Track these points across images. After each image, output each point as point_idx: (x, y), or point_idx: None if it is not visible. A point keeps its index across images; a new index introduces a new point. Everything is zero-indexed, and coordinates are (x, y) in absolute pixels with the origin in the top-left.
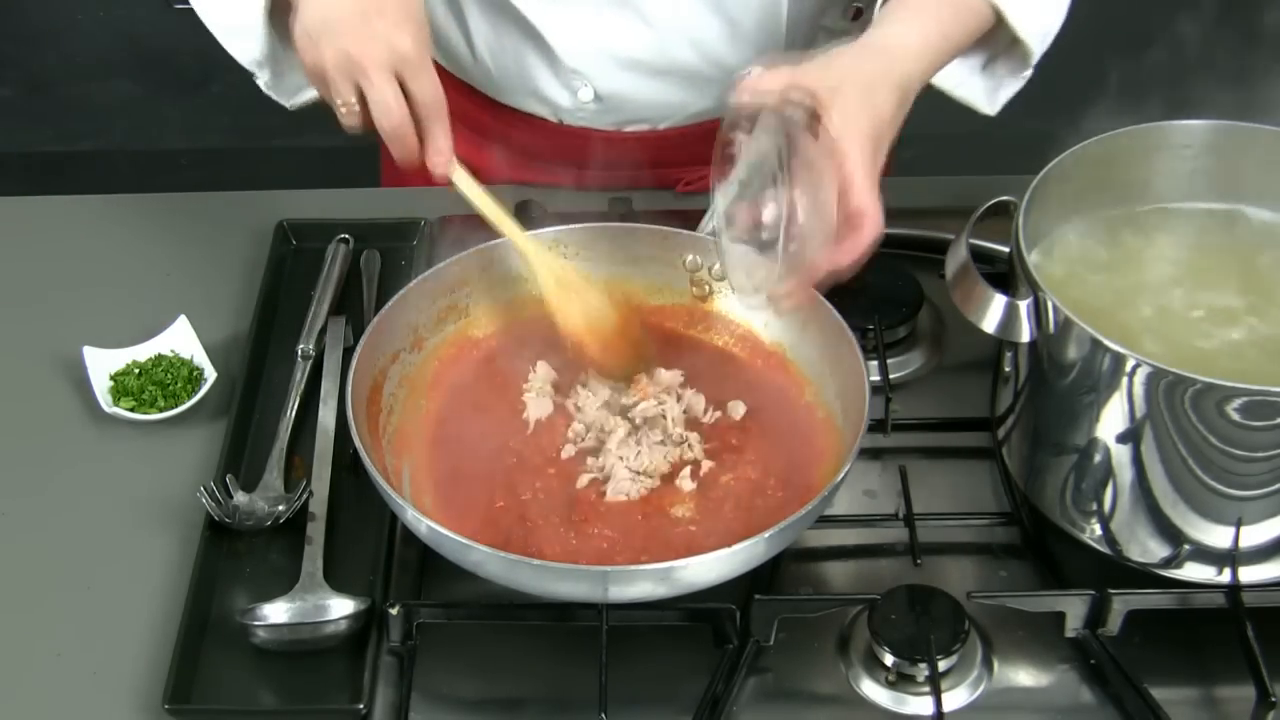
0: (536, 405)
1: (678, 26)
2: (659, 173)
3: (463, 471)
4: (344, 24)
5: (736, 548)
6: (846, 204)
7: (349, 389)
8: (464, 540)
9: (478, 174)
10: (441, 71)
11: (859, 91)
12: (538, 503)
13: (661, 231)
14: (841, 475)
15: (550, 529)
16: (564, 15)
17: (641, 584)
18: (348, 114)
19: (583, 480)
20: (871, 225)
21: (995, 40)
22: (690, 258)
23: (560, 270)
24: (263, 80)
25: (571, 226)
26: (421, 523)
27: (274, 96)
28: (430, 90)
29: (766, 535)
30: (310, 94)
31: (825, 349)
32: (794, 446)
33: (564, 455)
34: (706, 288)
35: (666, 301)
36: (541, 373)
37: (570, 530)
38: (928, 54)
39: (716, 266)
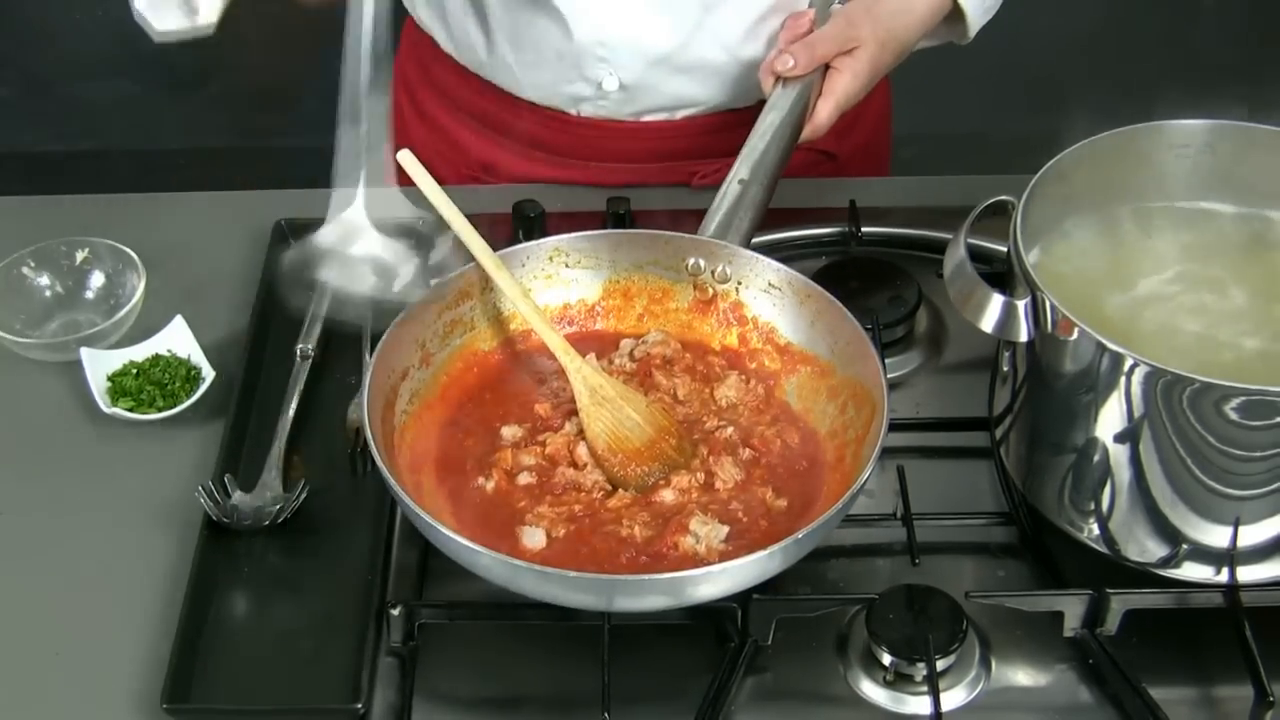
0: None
1: (705, 22)
2: (673, 165)
3: (475, 482)
4: None
5: (749, 559)
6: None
7: (365, 408)
8: (474, 546)
9: (491, 169)
10: (456, 66)
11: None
12: (555, 514)
13: (663, 236)
14: (863, 480)
15: (569, 538)
16: (594, 4)
17: (649, 595)
18: None
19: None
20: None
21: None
22: (693, 261)
23: (595, 382)
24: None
25: (572, 235)
26: (422, 518)
27: (147, 18)
28: None
29: (779, 546)
30: (182, 29)
31: (836, 350)
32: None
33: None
34: (710, 290)
35: (669, 305)
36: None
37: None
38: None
39: (720, 269)
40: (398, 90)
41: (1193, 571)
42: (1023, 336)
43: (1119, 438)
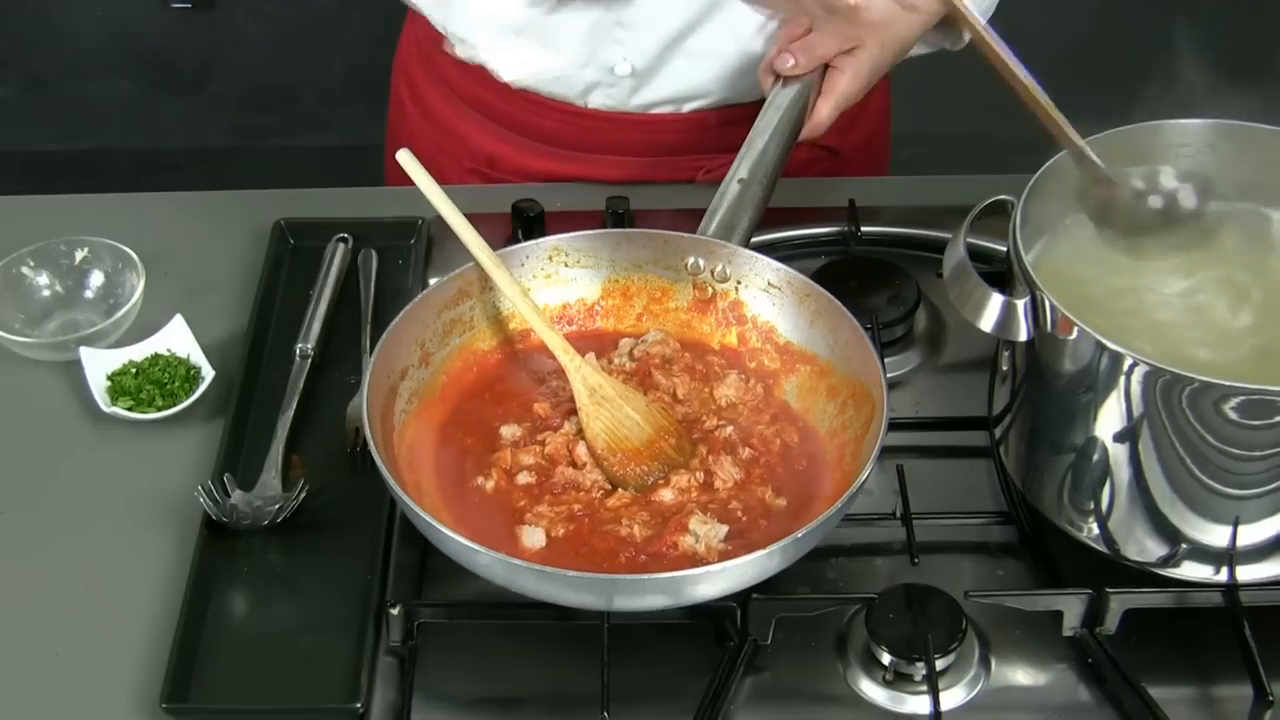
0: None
1: (720, 6)
2: (678, 160)
3: (475, 482)
4: None
5: (748, 558)
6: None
7: (365, 408)
8: (473, 546)
9: (494, 162)
10: (458, 59)
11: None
12: (554, 513)
13: (663, 235)
14: (862, 479)
15: (568, 537)
16: None
17: (649, 594)
18: None
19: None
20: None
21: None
22: (692, 260)
23: (595, 381)
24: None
25: (572, 234)
26: (421, 518)
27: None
28: None
29: (779, 546)
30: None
31: (835, 349)
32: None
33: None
34: (709, 290)
35: (668, 305)
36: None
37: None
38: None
39: (719, 268)
40: (399, 85)
41: (1192, 571)
42: (1022, 336)
43: (1118, 437)
